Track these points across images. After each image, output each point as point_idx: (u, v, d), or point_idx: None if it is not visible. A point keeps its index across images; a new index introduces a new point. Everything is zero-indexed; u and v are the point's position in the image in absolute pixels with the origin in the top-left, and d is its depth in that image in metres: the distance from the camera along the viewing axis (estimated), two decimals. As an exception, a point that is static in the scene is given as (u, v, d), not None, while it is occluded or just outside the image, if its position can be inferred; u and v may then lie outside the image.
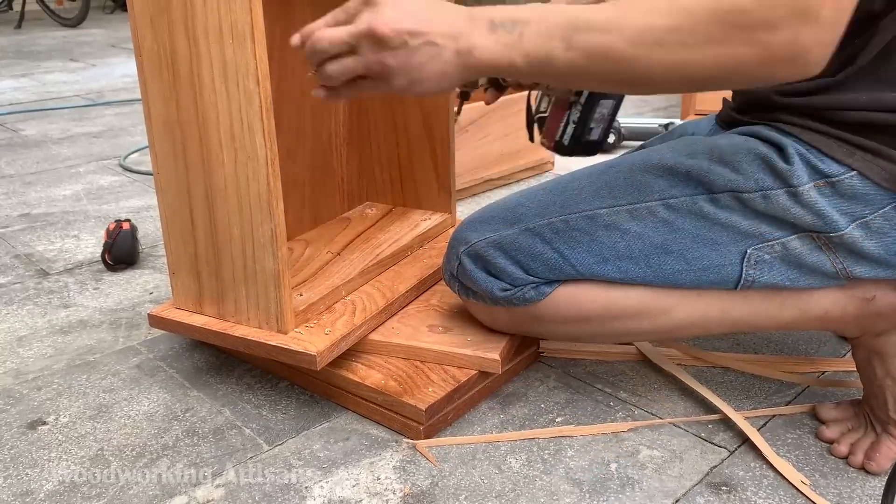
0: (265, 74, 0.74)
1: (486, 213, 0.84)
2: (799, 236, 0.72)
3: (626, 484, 0.75)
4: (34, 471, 0.78)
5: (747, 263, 0.73)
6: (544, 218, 0.78)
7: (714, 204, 0.73)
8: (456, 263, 0.84)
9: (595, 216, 0.76)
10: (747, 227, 0.72)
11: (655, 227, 0.75)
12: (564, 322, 0.81)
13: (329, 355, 0.82)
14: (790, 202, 0.70)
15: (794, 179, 0.69)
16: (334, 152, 1.12)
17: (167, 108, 0.81)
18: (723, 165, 0.72)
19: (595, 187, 0.78)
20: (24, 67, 3.37)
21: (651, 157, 0.77)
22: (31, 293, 1.18)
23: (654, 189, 0.75)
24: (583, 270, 0.77)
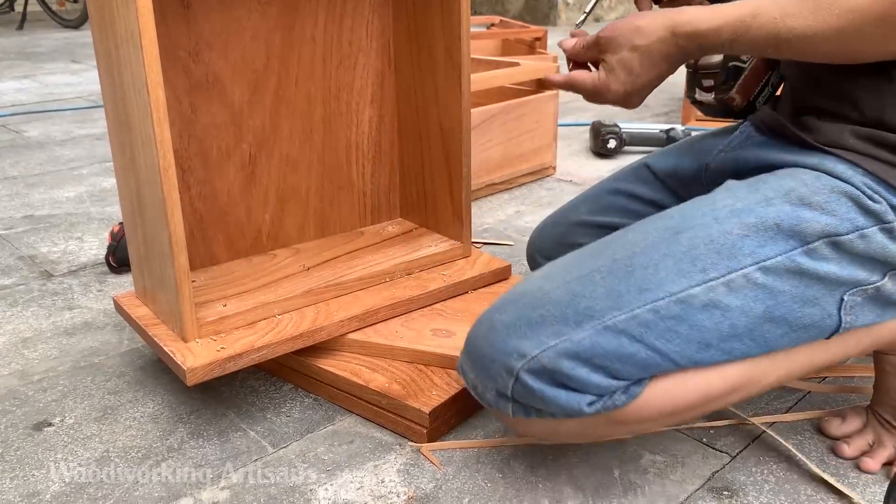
0: (156, 82, 0.73)
1: (528, 308, 0.69)
2: (890, 276, 0.68)
3: (628, 489, 0.75)
4: (40, 472, 0.78)
5: (844, 311, 0.68)
6: (623, 310, 0.66)
7: (811, 256, 0.66)
8: (510, 382, 0.68)
9: (688, 298, 0.66)
10: (845, 275, 0.67)
11: (756, 297, 0.66)
12: (653, 419, 0.70)
13: (207, 373, 0.80)
14: (887, 239, 0.66)
15: (888, 216, 0.66)
16: (354, 165, 1.10)
17: (115, 110, 0.83)
18: (810, 209, 0.66)
19: (674, 260, 0.67)
20: (27, 69, 3.38)
21: (720, 212, 0.69)
22: (36, 295, 1.19)
23: (743, 252, 0.66)
24: (684, 363, 0.66)
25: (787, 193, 0.67)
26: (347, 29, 1.03)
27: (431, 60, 1.01)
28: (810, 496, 0.74)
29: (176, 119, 0.91)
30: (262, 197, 1.02)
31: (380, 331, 0.92)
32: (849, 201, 0.66)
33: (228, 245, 1.01)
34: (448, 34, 0.97)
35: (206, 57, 0.92)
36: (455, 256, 1.07)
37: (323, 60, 1.02)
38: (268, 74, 0.98)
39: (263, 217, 1.03)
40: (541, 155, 1.73)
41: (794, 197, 0.67)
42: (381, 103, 1.10)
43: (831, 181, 0.67)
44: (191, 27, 0.90)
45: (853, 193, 0.66)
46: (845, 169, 0.67)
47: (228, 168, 0.98)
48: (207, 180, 0.97)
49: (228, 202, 0.99)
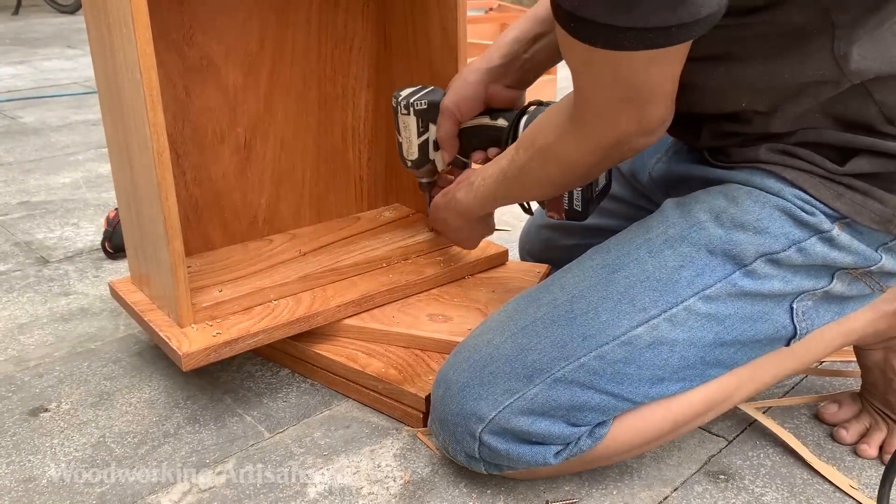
0: (149, 65, 0.72)
1: (478, 367, 0.69)
2: (838, 277, 0.68)
3: (624, 472, 0.75)
4: (36, 457, 0.78)
5: (797, 318, 0.68)
6: (570, 360, 0.66)
7: (751, 277, 0.65)
8: (475, 445, 0.69)
9: (633, 339, 0.65)
10: (790, 288, 0.66)
11: (702, 326, 0.66)
12: (626, 452, 0.71)
13: (203, 358, 0.79)
14: (826, 248, 0.65)
15: (823, 225, 0.64)
16: (350, 149, 1.09)
17: (109, 95, 0.82)
18: (742, 230, 0.65)
19: (612, 302, 0.67)
20: (22, 54, 3.36)
21: (654, 243, 0.68)
22: (32, 281, 1.18)
23: (681, 284, 0.66)
24: (640, 399, 0.67)
25: (719, 216, 0.66)
26: (342, 11, 1.02)
27: (428, 44, 1.00)
28: (806, 480, 0.74)
29: (170, 102, 0.90)
30: (257, 181, 1.02)
31: (376, 316, 0.92)
32: (782, 216, 0.65)
33: (224, 230, 1.01)
34: (445, 18, 0.96)
35: (199, 39, 0.91)
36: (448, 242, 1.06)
37: (318, 43, 1.01)
38: (262, 57, 0.97)
39: (259, 202, 1.03)
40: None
41: (725, 219, 0.66)
42: (378, 87, 1.09)
43: (762, 196, 0.66)
44: (184, 9, 0.89)
45: (786, 207, 0.65)
46: (774, 183, 0.66)
47: (223, 152, 0.97)
48: (202, 164, 0.96)
49: (223, 186, 0.99)
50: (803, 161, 0.65)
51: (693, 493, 0.73)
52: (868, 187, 0.64)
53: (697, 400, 0.69)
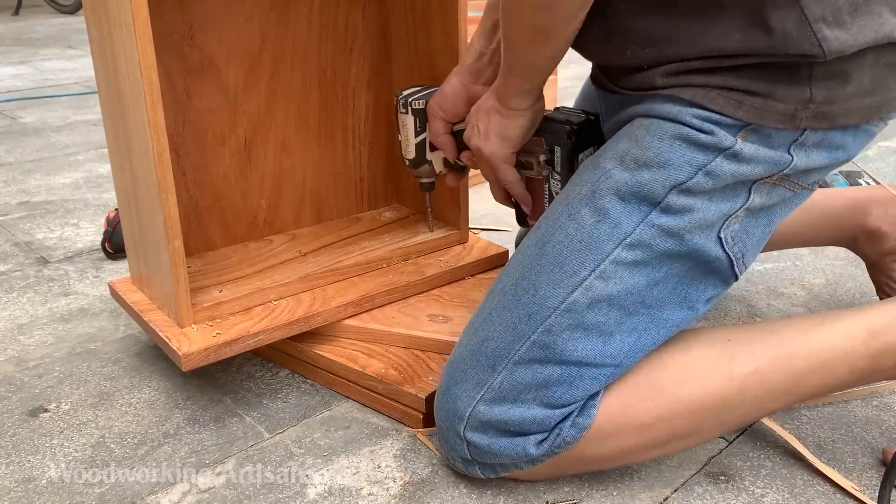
0: (150, 65, 0.72)
1: (452, 368, 0.71)
2: (755, 190, 0.67)
3: (624, 473, 0.75)
4: (36, 458, 0.78)
5: (727, 245, 0.68)
6: (522, 341, 0.67)
7: (667, 213, 0.65)
8: (464, 446, 0.70)
9: (572, 306, 0.66)
10: (710, 215, 0.66)
11: (632, 273, 0.66)
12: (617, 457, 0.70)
13: (202, 358, 0.79)
14: (734, 164, 0.64)
15: (724, 142, 0.64)
16: (351, 150, 1.09)
17: (109, 95, 0.82)
18: (646, 168, 0.65)
19: (546, 275, 0.67)
20: (23, 55, 3.36)
21: (572, 205, 0.69)
22: (32, 281, 1.18)
23: (601, 238, 0.66)
24: (600, 361, 0.67)
25: (623, 159, 0.67)
26: (343, 13, 1.02)
27: (429, 45, 1.00)
28: (807, 481, 0.74)
29: (170, 103, 0.90)
30: (257, 182, 1.02)
31: (376, 316, 0.92)
32: (682, 144, 0.64)
33: (224, 230, 1.01)
34: (445, 18, 0.96)
35: (200, 40, 0.91)
36: (452, 242, 1.06)
37: (318, 44, 1.01)
38: (263, 58, 0.97)
39: (259, 202, 1.03)
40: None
41: (628, 161, 0.66)
42: (378, 88, 1.09)
43: (660, 126, 0.65)
44: (185, 10, 0.89)
45: (683, 133, 0.64)
46: (672, 107, 0.65)
47: (223, 153, 0.97)
48: (202, 165, 0.96)
49: (224, 187, 0.99)
50: (698, 75, 0.64)
51: (693, 494, 0.73)
52: (768, 88, 0.63)
53: (685, 395, 0.68)
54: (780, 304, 1.08)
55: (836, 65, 0.63)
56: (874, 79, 0.65)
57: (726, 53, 0.63)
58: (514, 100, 0.75)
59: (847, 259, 1.21)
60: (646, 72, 0.68)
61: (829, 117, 0.65)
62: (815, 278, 1.16)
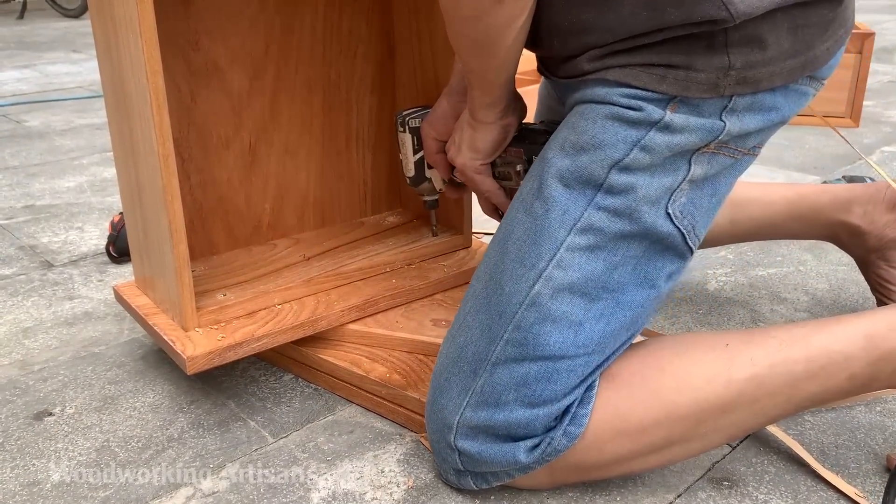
0: (155, 70, 0.72)
1: (437, 378, 0.72)
2: (695, 161, 0.67)
3: (628, 479, 0.75)
4: (41, 461, 0.78)
5: (676, 219, 0.67)
6: (496, 341, 0.67)
7: (611, 193, 0.66)
8: (455, 456, 0.70)
9: (535, 298, 0.66)
10: (654, 190, 0.66)
11: (588, 258, 0.66)
12: (614, 464, 0.70)
13: (207, 362, 0.80)
14: (667, 136, 0.65)
15: (654, 115, 0.64)
16: (354, 154, 1.09)
17: (115, 99, 0.83)
18: (583, 152, 0.66)
19: (510, 272, 0.68)
20: (27, 58, 3.37)
21: (525, 200, 0.69)
22: (36, 285, 1.19)
23: (553, 227, 0.67)
24: (573, 352, 0.66)
25: (562, 147, 0.68)
26: (347, 17, 1.03)
27: (432, 49, 1.01)
28: (811, 487, 0.74)
29: (175, 107, 0.91)
30: (261, 186, 1.02)
31: (380, 321, 0.92)
32: (613, 123, 0.65)
33: (228, 234, 1.01)
34: (449, 22, 0.96)
35: (205, 44, 0.92)
36: (456, 247, 1.07)
37: (323, 49, 1.02)
38: (267, 62, 0.97)
39: (263, 206, 1.03)
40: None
41: (567, 147, 0.67)
42: (382, 93, 1.09)
43: (592, 110, 0.66)
44: (190, 14, 0.89)
45: (613, 112, 0.65)
46: (600, 89, 0.66)
47: (228, 156, 0.98)
48: (207, 169, 0.96)
49: (228, 191, 0.99)
50: (621, 55, 0.65)
51: (697, 499, 0.72)
52: (687, 60, 0.64)
53: (683, 401, 0.68)
54: (783, 310, 1.08)
55: (751, 29, 0.63)
56: (793, 41, 0.65)
57: (640, 32, 0.64)
58: (480, 112, 0.77)
59: (851, 264, 1.21)
60: (573, 60, 0.69)
61: (751, 82, 0.65)
62: (818, 283, 1.16)
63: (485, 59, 0.70)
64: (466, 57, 0.71)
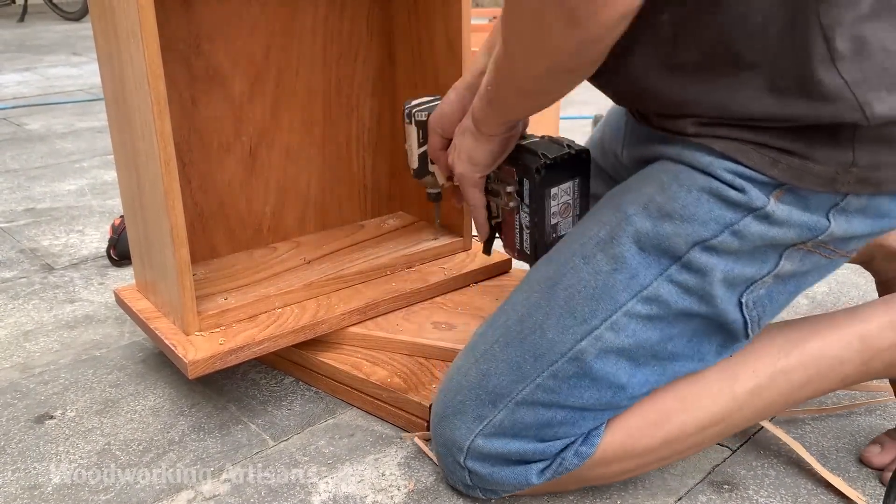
0: (157, 75, 0.73)
1: (451, 395, 0.70)
2: (786, 256, 0.63)
3: (628, 482, 0.75)
4: (42, 465, 0.78)
5: (747, 309, 0.64)
6: (526, 382, 0.66)
7: (688, 270, 0.62)
8: (465, 474, 0.70)
9: (580, 354, 0.64)
10: (734, 276, 0.63)
11: (645, 327, 0.63)
12: (619, 475, 0.71)
13: (208, 366, 0.80)
14: (764, 226, 0.61)
15: (756, 201, 0.60)
16: (355, 158, 1.10)
17: (116, 103, 0.83)
18: (669, 220, 0.62)
19: (555, 318, 0.65)
20: (28, 61, 3.37)
21: (587, 247, 0.65)
22: (37, 288, 1.19)
23: (617, 289, 0.63)
24: (604, 407, 0.66)
25: (647, 206, 0.63)
26: (348, 21, 1.03)
27: (432, 53, 1.01)
28: (811, 490, 0.74)
29: (176, 112, 0.91)
30: (262, 190, 1.02)
31: (381, 324, 0.92)
32: (710, 199, 0.61)
33: (229, 238, 1.01)
34: (449, 26, 0.97)
35: (206, 49, 0.92)
36: (456, 250, 1.07)
37: (323, 53, 1.02)
38: (268, 67, 0.98)
39: (264, 210, 1.03)
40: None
41: (652, 209, 0.63)
42: (382, 96, 1.10)
43: (689, 177, 0.62)
44: (191, 19, 0.90)
45: (713, 187, 0.61)
46: (703, 157, 0.61)
47: (229, 161, 0.98)
48: (208, 173, 0.96)
49: (229, 195, 0.99)
50: (732, 128, 0.60)
51: (697, 502, 0.73)
52: (806, 149, 0.59)
53: (690, 420, 0.68)
54: (784, 313, 1.08)
55: (885, 128, 0.58)
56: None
57: (758, 117, 0.59)
58: (486, 125, 0.72)
59: (850, 267, 1.21)
60: (676, 119, 0.64)
61: (874, 183, 0.60)
62: (818, 286, 1.16)
63: (530, 102, 0.67)
64: (513, 100, 0.67)
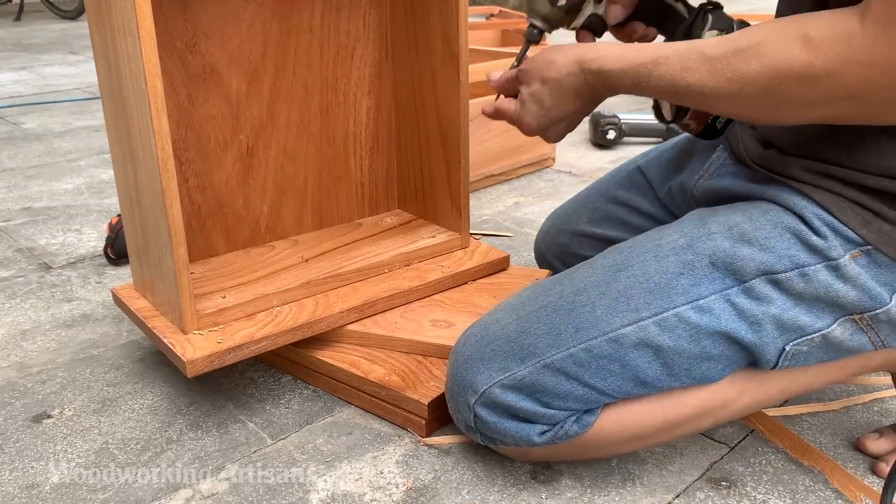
0: (154, 73, 0.72)
1: (483, 343, 0.71)
2: (841, 323, 0.65)
3: (626, 479, 0.75)
4: (40, 464, 0.78)
5: (784, 356, 0.66)
6: (561, 349, 0.67)
7: (748, 295, 0.64)
8: (471, 416, 0.72)
9: (620, 338, 0.66)
10: (787, 318, 0.64)
11: (689, 336, 0.65)
12: (616, 445, 0.72)
13: (207, 365, 0.79)
14: (832, 278, 0.62)
15: (833, 252, 0.62)
16: (352, 156, 1.09)
17: (113, 102, 0.83)
18: (748, 245, 0.64)
19: (609, 299, 0.67)
20: (24, 60, 3.37)
21: (663, 248, 0.68)
22: (34, 287, 1.19)
23: (677, 290, 0.65)
24: (621, 396, 0.68)
25: (731, 228, 0.66)
26: (344, 19, 1.03)
27: (429, 51, 1.01)
28: (808, 486, 0.74)
29: (173, 110, 0.91)
30: (259, 188, 1.02)
31: (379, 322, 0.92)
32: (791, 237, 0.63)
33: (226, 236, 1.01)
34: (446, 24, 0.96)
35: (203, 47, 0.92)
36: (454, 247, 1.07)
37: (320, 51, 1.02)
38: (265, 65, 0.97)
39: (261, 208, 1.03)
40: (540, 146, 1.72)
41: (735, 233, 0.65)
42: (379, 94, 1.09)
43: (778, 215, 0.65)
44: (188, 17, 0.89)
45: (797, 228, 0.63)
46: (799, 200, 0.65)
47: (226, 159, 0.98)
48: (205, 171, 0.96)
49: (226, 193, 0.99)
50: (836, 182, 0.63)
51: (695, 499, 0.73)
52: None
53: (690, 402, 0.69)
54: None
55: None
56: None
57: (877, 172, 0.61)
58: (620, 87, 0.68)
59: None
60: (784, 157, 0.67)
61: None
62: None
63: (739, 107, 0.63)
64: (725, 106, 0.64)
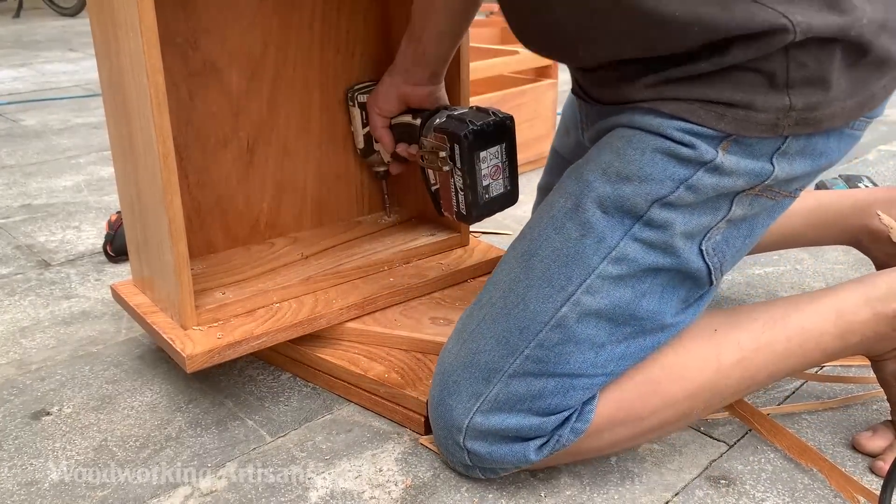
0: (156, 68, 0.72)
1: (445, 378, 0.72)
2: (736, 202, 0.68)
3: (625, 477, 0.75)
4: (38, 461, 0.78)
5: (707, 255, 0.69)
6: (515, 355, 0.68)
7: (651, 227, 0.66)
8: (464, 454, 0.71)
9: (561, 320, 0.67)
10: (692, 227, 0.67)
11: (618, 286, 0.67)
12: (615, 445, 0.73)
13: (206, 360, 0.80)
14: (716, 178, 0.65)
15: (706, 155, 0.64)
16: (352, 154, 1.09)
17: (114, 98, 0.83)
18: (628, 182, 0.66)
19: (535, 290, 0.68)
20: (23, 57, 3.36)
21: (557, 218, 0.69)
22: (33, 284, 1.19)
23: (587, 253, 0.67)
24: (592, 372, 0.68)
25: (605, 171, 0.67)
26: (345, 17, 1.03)
27: (430, 48, 1.01)
28: (807, 485, 0.74)
29: (173, 106, 0.90)
30: (259, 185, 1.02)
31: (378, 319, 0.92)
32: (664, 158, 0.65)
33: (226, 233, 1.01)
34: (447, 22, 0.96)
35: (203, 44, 0.92)
36: (453, 245, 1.07)
37: (321, 48, 1.02)
38: (265, 62, 0.97)
39: (261, 205, 1.03)
40: (540, 144, 1.72)
41: (611, 174, 0.67)
42: (380, 92, 1.09)
43: (642, 140, 0.66)
44: (188, 13, 0.89)
45: (666, 147, 0.65)
46: (653, 119, 0.66)
47: (226, 156, 0.98)
48: (205, 168, 0.96)
49: (226, 190, 0.99)
50: (677, 87, 0.65)
51: (694, 497, 0.73)
52: (747, 98, 0.63)
53: (678, 390, 0.71)
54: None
55: (812, 68, 0.63)
56: (852, 80, 0.65)
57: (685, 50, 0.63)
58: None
59: (847, 263, 1.21)
60: (621, 88, 0.69)
61: (812, 123, 0.65)
62: (814, 282, 1.16)
63: None
64: None
